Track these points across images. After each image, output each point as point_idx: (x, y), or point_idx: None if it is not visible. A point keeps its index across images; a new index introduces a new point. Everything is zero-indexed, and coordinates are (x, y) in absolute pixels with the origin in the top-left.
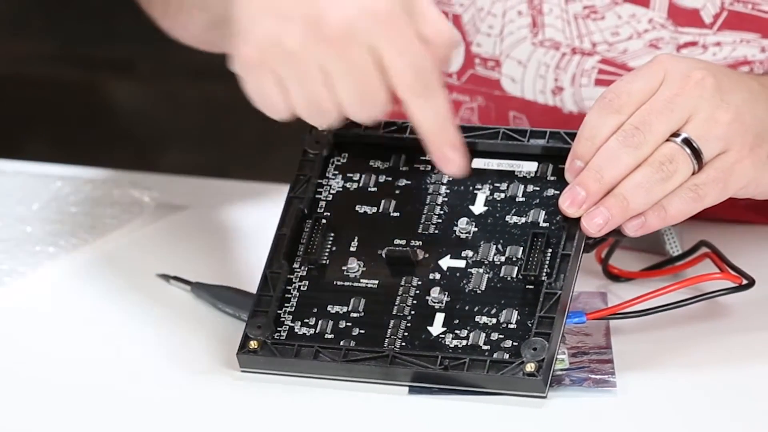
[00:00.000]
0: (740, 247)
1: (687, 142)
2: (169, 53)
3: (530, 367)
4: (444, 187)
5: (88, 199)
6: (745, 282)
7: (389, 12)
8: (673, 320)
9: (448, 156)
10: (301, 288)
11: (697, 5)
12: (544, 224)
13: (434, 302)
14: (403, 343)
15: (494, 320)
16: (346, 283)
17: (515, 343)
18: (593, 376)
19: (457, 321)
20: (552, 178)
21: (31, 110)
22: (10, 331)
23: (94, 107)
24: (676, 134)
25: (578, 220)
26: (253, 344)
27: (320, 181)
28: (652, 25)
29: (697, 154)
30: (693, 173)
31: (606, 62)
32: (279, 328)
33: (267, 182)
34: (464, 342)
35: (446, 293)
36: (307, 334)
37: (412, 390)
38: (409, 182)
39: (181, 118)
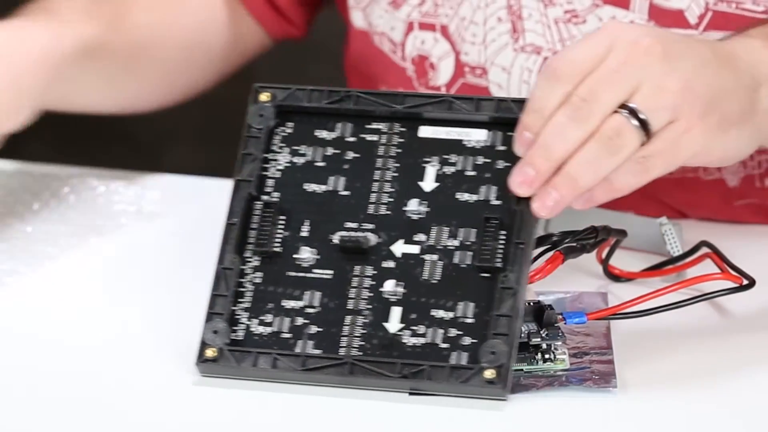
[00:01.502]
0: (740, 247)
1: (634, 113)
2: None
3: (489, 374)
4: (393, 161)
5: (87, 199)
6: (745, 282)
7: None
8: (673, 320)
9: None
10: (255, 281)
11: (682, 6)
12: (497, 202)
13: (390, 295)
14: (362, 343)
15: (451, 314)
16: (300, 274)
17: (474, 341)
18: (593, 376)
19: (414, 315)
20: (502, 148)
21: None
22: (9, 330)
23: None
24: (623, 105)
25: (529, 199)
26: (210, 353)
27: (266, 155)
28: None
29: (644, 125)
30: (642, 144)
31: None
32: (236, 328)
33: None
34: (422, 340)
35: (401, 284)
36: (264, 334)
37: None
38: (357, 155)
39: (181, 118)
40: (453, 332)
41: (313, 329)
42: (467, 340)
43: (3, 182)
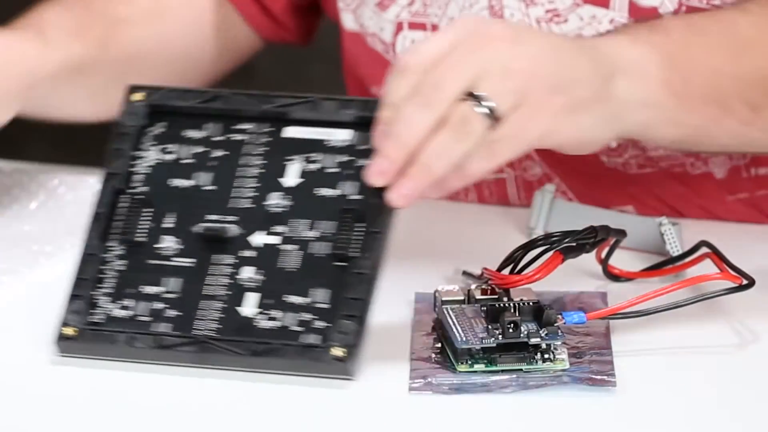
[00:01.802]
0: (740, 247)
1: (480, 99)
2: None
3: (338, 352)
4: (258, 158)
5: (85, 199)
6: (745, 282)
7: None
8: (673, 320)
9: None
10: (117, 268)
11: (655, 3)
12: (357, 197)
13: (246, 282)
14: (217, 326)
15: (307, 300)
16: (161, 262)
17: (328, 325)
18: (593, 376)
19: (270, 301)
20: (364, 147)
21: None
22: (7, 329)
23: None
24: (471, 94)
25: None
26: (68, 331)
27: (135, 153)
28: (613, 25)
29: (491, 110)
30: (491, 128)
31: None
32: (94, 311)
33: None
34: (276, 323)
35: (261, 272)
36: (123, 317)
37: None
38: (224, 152)
39: None
40: (307, 317)
41: (171, 313)
42: (321, 324)
43: (1, 181)
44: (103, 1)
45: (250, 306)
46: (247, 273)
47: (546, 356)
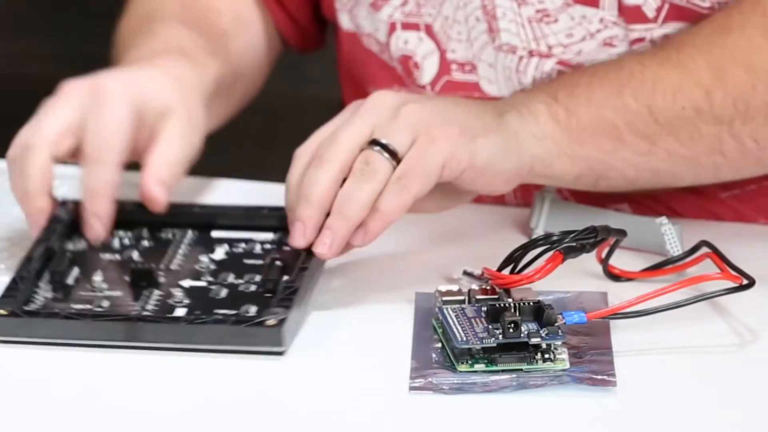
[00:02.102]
0: (740, 247)
1: (375, 141)
2: None
3: (271, 322)
4: (184, 246)
5: None
6: (745, 282)
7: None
8: (673, 320)
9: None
10: (46, 296)
11: (639, 2)
12: (281, 264)
13: (176, 302)
14: (150, 315)
15: (233, 311)
16: (91, 293)
17: (261, 309)
18: (593, 376)
19: (199, 312)
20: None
21: (31, 110)
22: None
23: None
24: (370, 141)
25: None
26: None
27: (63, 243)
28: (603, 24)
29: (390, 151)
30: (395, 167)
31: (563, 64)
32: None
33: (267, 182)
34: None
35: (189, 299)
36: (57, 310)
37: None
38: (152, 243)
39: None
40: (235, 317)
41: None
42: (252, 311)
43: (1, 181)
44: (205, 14)
45: (179, 314)
46: (176, 294)
47: (546, 356)
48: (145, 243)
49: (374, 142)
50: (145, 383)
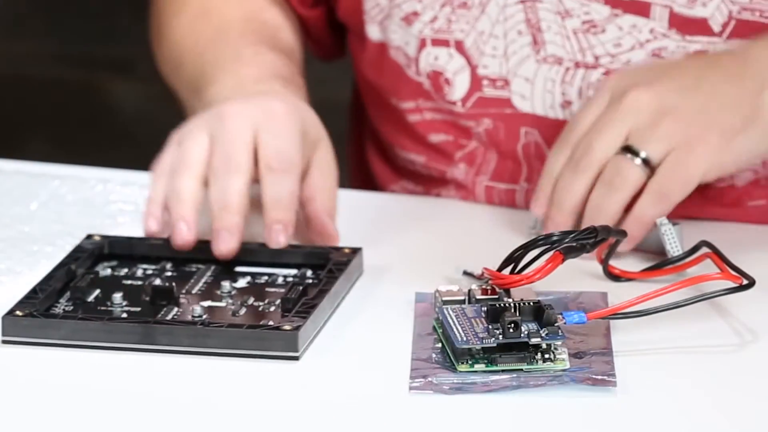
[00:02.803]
0: (740, 247)
1: (628, 149)
2: None
3: (287, 327)
4: (207, 276)
5: (86, 199)
6: (745, 282)
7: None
8: (673, 320)
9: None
10: (65, 309)
11: (705, 15)
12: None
13: (194, 317)
14: (165, 319)
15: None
16: (110, 308)
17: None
18: (593, 376)
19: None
20: (310, 280)
21: (31, 110)
22: None
23: (94, 107)
24: (624, 148)
25: None
26: (18, 312)
27: (89, 271)
28: (653, 35)
29: (645, 160)
30: (648, 177)
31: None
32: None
33: None
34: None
35: (207, 314)
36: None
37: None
38: (175, 273)
39: (180, 118)
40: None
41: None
42: (270, 323)
43: (1, 182)
44: (273, 33)
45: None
46: (196, 313)
47: (546, 356)
48: (168, 273)
49: (628, 149)
50: (158, 386)
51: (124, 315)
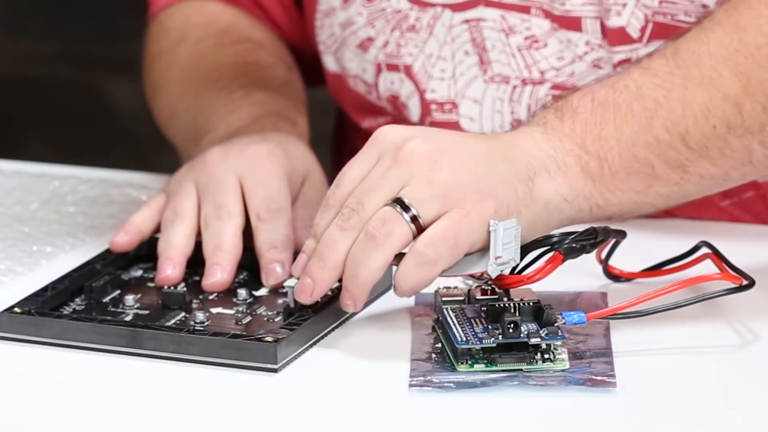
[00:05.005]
0: (740, 247)
1: (399, 201)
2: None
3: (269, 338)
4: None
5: (86, 199)
6: (745, 282)
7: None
8: (673, 320)
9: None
10: (76, 309)
11: (622, 23)
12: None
13: (196, 323)
14: (151, 323)
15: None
16: (120, 310)
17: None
18: (593, 377)
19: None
20: None
21: (31, 110)
22: None
23: (94, 107)
24: (396, 200)
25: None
26: (17, 309)
27: (112, 272)
28: (590, 47)
29: (414, 217)
30: (414, 236)
31: (557, 87)
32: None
33: None
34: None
35: (209, 321)
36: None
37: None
38: (200, 278)
39: None
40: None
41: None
42: (261, 333)
43: (1, 182)
44: (264, 72)
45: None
46: (198, 319)
47: (546, 356)
48: (197, 278)
49: (399, 201)
50: (140, 391)
51: (128, 318)
